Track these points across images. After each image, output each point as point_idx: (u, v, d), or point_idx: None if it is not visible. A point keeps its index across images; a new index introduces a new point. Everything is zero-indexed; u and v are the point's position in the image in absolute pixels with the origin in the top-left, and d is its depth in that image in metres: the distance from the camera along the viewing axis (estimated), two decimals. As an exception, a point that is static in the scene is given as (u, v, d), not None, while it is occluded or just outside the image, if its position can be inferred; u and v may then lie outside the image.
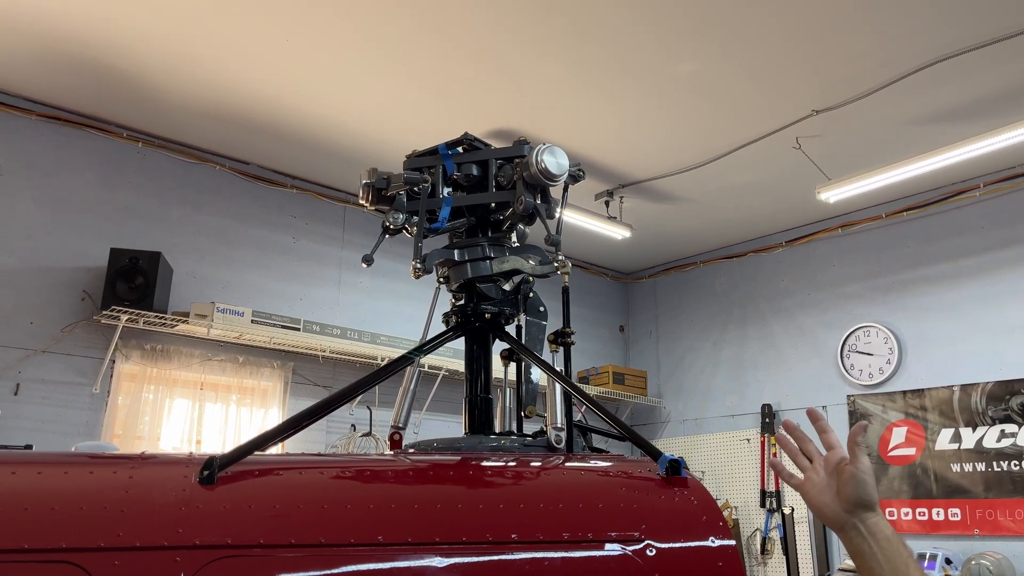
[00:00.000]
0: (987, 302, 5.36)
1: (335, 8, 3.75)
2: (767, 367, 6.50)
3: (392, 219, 1.63)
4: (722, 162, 5.22)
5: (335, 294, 5.62)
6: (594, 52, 4.10)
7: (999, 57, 4.06)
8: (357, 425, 5.21)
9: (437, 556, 1.15)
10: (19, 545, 0.98)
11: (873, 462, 5.62)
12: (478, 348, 1.73)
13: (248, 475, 1.19)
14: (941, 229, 5.67)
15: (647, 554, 1.35)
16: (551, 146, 1.62)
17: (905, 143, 4.87)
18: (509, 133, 4.80)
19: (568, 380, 1.61)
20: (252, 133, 4.96)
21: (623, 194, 5.73)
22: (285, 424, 1.40)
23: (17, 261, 4.39)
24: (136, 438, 4.54)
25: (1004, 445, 5.10)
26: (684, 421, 6.97)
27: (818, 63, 4.17)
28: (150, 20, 3.85)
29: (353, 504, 1.19)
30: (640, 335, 7.56)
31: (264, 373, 5.11)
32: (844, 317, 6.06)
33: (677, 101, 4.58)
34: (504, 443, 1.60)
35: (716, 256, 7.00)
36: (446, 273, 1.70)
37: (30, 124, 4.57)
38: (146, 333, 4.63)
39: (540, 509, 1.31)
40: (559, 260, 1.61)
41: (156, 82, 4.39)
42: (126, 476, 1.11)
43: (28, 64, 4.23)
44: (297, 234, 5.53)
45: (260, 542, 1.07)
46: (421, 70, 4.27)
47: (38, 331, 4.38)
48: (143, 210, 4.88)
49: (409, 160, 1.72)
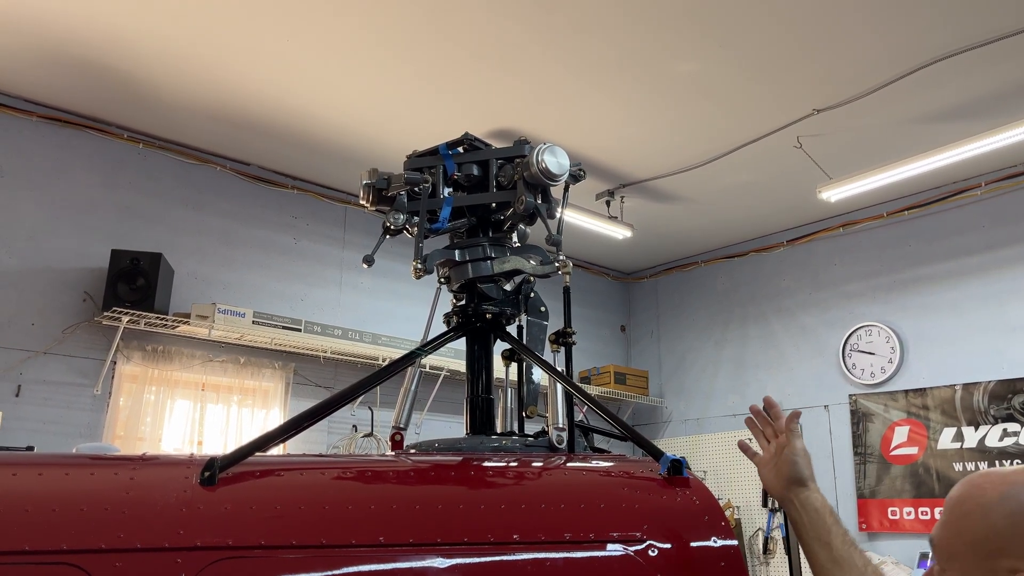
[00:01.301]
0: (989, 301, 5.36)
1: (335, 9, 3.75)
2: (769, 367, 6.49)
3: (393, 219, 1.63)
4: (723, 161, 5.22)
5: (336, 295, 5.62)
6: (595, 52, 4.09)
7: (999, 56, 4.06)
8: (358, 426, 5.21)
9: (439, 557, 1.15)
10: (20, 547, 0.97)
11: (875, 461, 5.63)
12: (479, 348, 1.73)
13: (249, 476, 1.18)
14: (942, 228, 5.66)
15: (649, 554, 1.35)
16: (552, 146, 1.61)
17: (906, 142, 4.87)
18: (510, 133, 4.80)
19: (569, 380, 1.61)
20: (253, 134, 4.96)
21: (624, 194, 5.72)
22: (286, 425, 1.40)
23: (18, 262, 4.40)
24: (137, 439, 4.55)
25: (1007, 444, 5.09)
26: (686, 421, 6.97)
27: (819, 62, 4.17)
28: (151, 21, 3.85)
29: (354, 505, 1.19)
30: (641, 335, 7.56)
31: (265, 374, 5.11)
32: (846, 316, 6.06)
33: (678, 100, 4.58)
34: (505, 443, 1.60)
35: (717, 256, 7.00)
36: (447, 273, 1.70)
37: (31, 125, 4.57)
38: (147, 334, 4.63)
39: (542, 510, 1.31)
40: (560, 260, 1.61)
41: (157, 83, 4.40)
42: (127, 477, 1.11)
43: (29, 66, 4.23)
44: (298, 235, 5.53)
45: (261, 543, 1.07)
46: (422, 71, 4.27)
47: (39, 332, 4.38)
48: (144, 211, 4.88)
49: (409, 160, 1.72)
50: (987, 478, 0.97)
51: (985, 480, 0.97)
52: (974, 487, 0.97)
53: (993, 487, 0.94)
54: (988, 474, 0.99)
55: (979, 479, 0.98)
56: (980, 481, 0.98)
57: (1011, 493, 0.92)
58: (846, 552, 1.25)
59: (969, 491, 0.97)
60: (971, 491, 0.97)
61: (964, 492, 0.98)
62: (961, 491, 0.99)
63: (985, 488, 0.96)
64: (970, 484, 0.99)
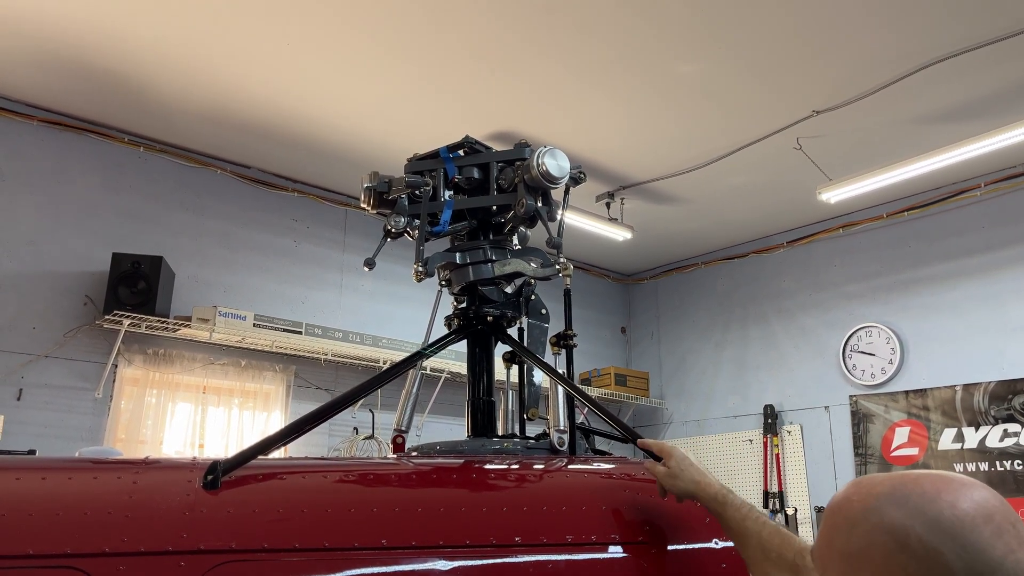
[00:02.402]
0: (989, 301, 5.36)
1: (335, 11, 3.76)
2: (769, 368, 6.49)
3: (394, 222, 1.63)
4: (723, 163, 5.22)
5: (337, 297, 5.62)
6: (595, 53, 4.10)
7: (999, 56, 4.06)
8: (359, 428, 5.21)
9: (441, 559, 1.16)
10: (24, 551, 0.98)
11: (876, 462, 5.63)
12: (480, 351, 1.73)
13: (252, 479, 1.19)
14: (942, 229, 5.66)
15: (651, 556, 1.35)
16: (552, 148, 1.62)
17: (905, 143, 4.87)
18: (510, 135, 4.80)
19: (570, 382, 1.61)
20: (253, 137, 4.97)
21: (624, 195, 5.73)
22: (288, 428, 1.41)
23: (19, 266, 4.40)
24: (139, 442, 4.54)
25: (1007, 444, 5.09)
26: (686, 422, 6.97)
27: (818, 64, 4.17)
28: (151, 25, 3.85)
29: (357, 508, 1.19)
30: (642, 336, 7.56)
31: (266, 376, 5.11)
32: (846, 317, 6.06)
33: (678, 102, 4.58)
34: (507, 446, 1.61)
35: (717, 257, 7.00)
36: (448, 276, 1.71)
37: (32, 129, 4.57)
38: (148, 337, 4.63)
39: (544, 512, 1.31)
40: (560, 262, 1.62)
41: (157, 87, 4.40)
42: (130, 481, 1.11)
43: (30, 69, 4.24)
44: (299, 238, 5.54)
45: (264, 546, 1.07)
46: (422, 73, 4.28)
47: (40, 336, 4.38)
48: (145, 214, 4.88)
49: (410, 163, 1.73)
50: (857, 488, 0.92)
51: (856, 491, 0.92)
52: (844, 498, 0.93)
53: (860, 499, 0.90)
54: (860, 483, 0.94)
55: (850, 490, 0.93)
56: (851, 492, 0.93)
57: (874, 507, 0.87)
58: (740, 527, 1.28)
59: (839, 502, 0.93)
60: (841, 503, 0.93)
61: (835, 503, 0.94)
62: (834, 501, 0.94)
63: (852, 500, 0.91)
64: (842, 495, 0.94)
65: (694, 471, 1.36)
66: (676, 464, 1.37)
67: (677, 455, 1.38)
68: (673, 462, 1.37)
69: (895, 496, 0.87)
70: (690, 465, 1.37)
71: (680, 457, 1.38)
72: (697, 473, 1.35)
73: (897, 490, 0.88)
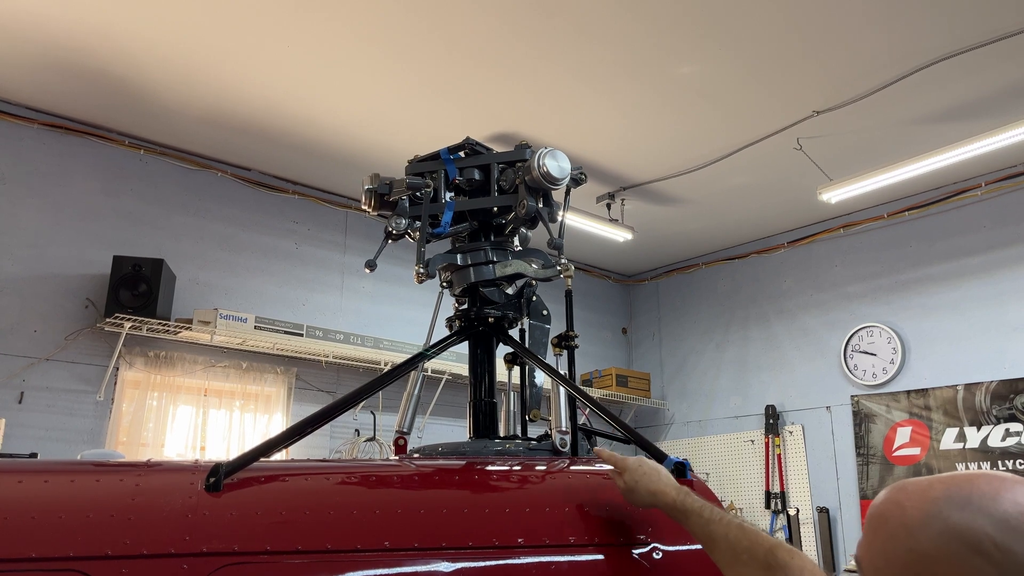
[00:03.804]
0: (990, 301, 5.35)
1: (335, 14, 3.76)
2: (770, 368, 6.49)
3: (395, 224, 1.63)
4: (723, 164, 5.22)
5: (338, 299, 5.62)
6: (595, 54, 4.10)
7: (999, 56, 4.06)
8: (361, 430, 5.21)
9: (444, 561, 1.15)
10: (27, 554, 0.98)
11: (878, 462, 5.62)
12: (482, 352, 1.73)
13: (254, 481, 1.19)
14: (943, 229, 5.66)
15: (654, 557, 1.35)
16: (553, 150, 1.62)
17: (906, 143, 4.87)
18: (511, 136, 4.80)
19: (572, 383, 1.61)
20: (253, 139, 4.97)
21: (625, 196, 5.73)
22: (290, 430, 1.41)
23: (20, 269, 4.40)
24: (140, 445, 4.54)
25: (1009, 444, 5.09)
26: (688, 423, 6.96)
27: (818, 64, 4.17)
28: (151, 28, 3.86)
29: (359, 510, 1.19)
30: (643, 337, 7.56)
31: (267, 379, 5.11)
32: (847, 317, 6.06)
33: (678, 103, 4.58)
34: (509, 447, 1.60)
35: (718, 257, 7.00)
36: (449, 277, 1.71)
37: (33, 132, 4.58)
38: (149, 340, 4.63)
39: (546, 513, 1.31)
40: (562, 263, 1.62)
41: (157, 89, 4.40)
42: (132, 484, 1.11)
43: (30, 73, 4.24)
44: (299, 240, 5.54)
45: (267, 548, 1.07)
46: (422, 75, 4.28)
47: (42, 339, 4.38)
48: (146, 217, 4.89)
49: (411, 165, 1.73)
50: (907, 495, 0.90)
51: (906, 496, 0.90)
52: (894, 504, 0.90)
53: (916, 505, 0.88)
54: (905, 488, 0.91)
55: (899, 495, 0.91)
56: (900, 498, 0.90)
57: (934, 512, 0.85)
58: (705, 533, 1.26)
59: (890, 508, 0.90)
60: (891, 509, 0.90)
61: (884, 510, 0.91)
62: (882, 508, 0.92)
63: (906, 506, 0.89)
64: (891, 501, 0.91)
65: (648, 482, 1.34)
66: (630, 477, 1.36)
67: (631, 467, 1.37)
68: (628, 475, 1.36)
69: (954, 499, 0.86)
70: (644, 476, 1.35)
71: (634, 469, 1.37)
72: (652, 484, 1.34)
73: (954, 492, 0.87)
